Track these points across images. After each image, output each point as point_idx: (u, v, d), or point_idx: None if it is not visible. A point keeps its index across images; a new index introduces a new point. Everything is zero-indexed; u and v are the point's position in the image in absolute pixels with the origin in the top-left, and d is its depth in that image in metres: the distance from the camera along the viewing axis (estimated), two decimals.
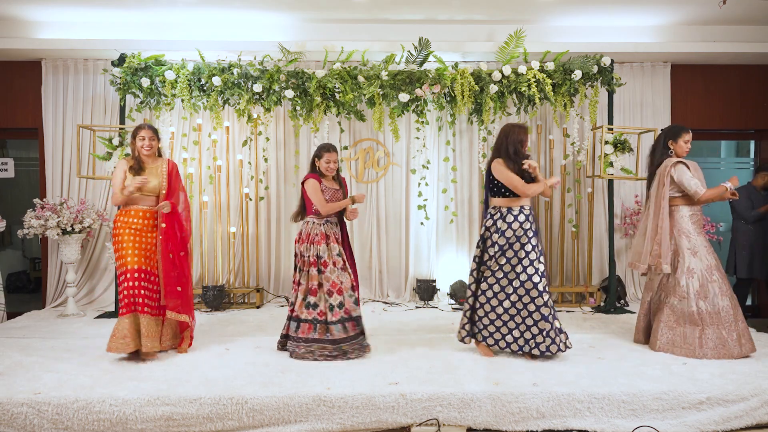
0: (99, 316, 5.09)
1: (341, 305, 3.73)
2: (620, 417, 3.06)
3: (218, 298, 5.38)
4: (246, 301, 5.72)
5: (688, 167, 3.86)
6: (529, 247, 3.63)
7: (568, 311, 5.39)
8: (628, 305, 5.54)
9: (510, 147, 3.70)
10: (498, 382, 3.23)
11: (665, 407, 3.07)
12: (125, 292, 3.67)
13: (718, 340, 3.70)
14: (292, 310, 3.81)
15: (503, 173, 3.66)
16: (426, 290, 5.62)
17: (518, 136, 3.72)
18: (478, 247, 3.81)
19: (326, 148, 3.89)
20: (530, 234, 3.66)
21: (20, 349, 3.94)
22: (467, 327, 3.81)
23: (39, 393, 3.04)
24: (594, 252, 5.82)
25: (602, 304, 5.52)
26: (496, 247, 3.67)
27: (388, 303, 5.68)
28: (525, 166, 3.64)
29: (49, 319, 5.02)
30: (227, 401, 3.00)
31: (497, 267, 3.68)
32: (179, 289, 3.82)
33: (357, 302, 3.82)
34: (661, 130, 4.14)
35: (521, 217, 3.67)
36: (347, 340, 3.73)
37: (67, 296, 5.24)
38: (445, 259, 5.93)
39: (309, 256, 3.78)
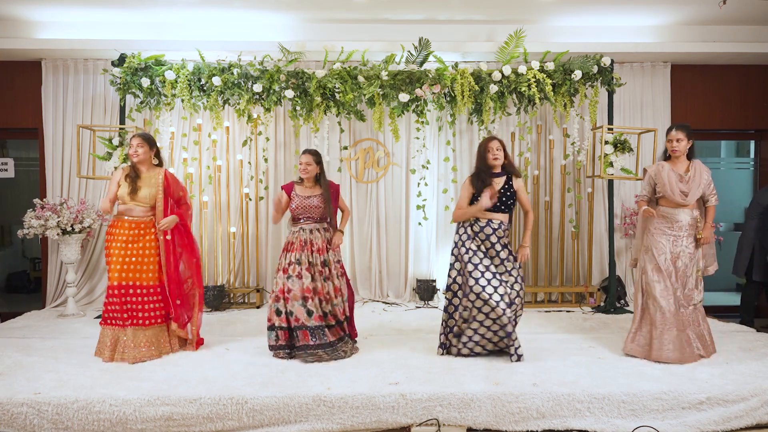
0: (99, 316, 5.07)
1: (291, 314, 3.71)
2: (620, 417, 3.06)
3: (218, 298, 5.38)
4: (246, 301, 5.72)
5: (647, 171, 3.92)
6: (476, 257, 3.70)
7: (568, 311, 5.39)
8: (628, 305, 5.54)
9: (477, 162, 3.79)
10: (498, 382, 3.24)
11: (665, 407, 3.08)
12: (108, 307, 3.73)
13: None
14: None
15: (461, 191, 3.83)
16: (426, 290, 5.62)
17: (479, 150, 3.79)
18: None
19: (303, 151, 3.93)
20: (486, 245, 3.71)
21: (20, 349, 3.94)
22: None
23: (39, 393, 3.04)
24: (594, 252, 5.82)
25: (602, 304, 5.52)
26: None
27: (388, 303, 5.68)
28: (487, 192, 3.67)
29: (49, 319, 5.02)
30: (227, 401, 3.00)
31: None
32: (178, 302, 3.86)
33: (309, 313, 3.69)
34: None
35: (488, 230, 3.69)
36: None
37: (67, 296, 5.24)
38: (445, 259, 5.91)
39: (283, 265, 3.85)
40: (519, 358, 3.63)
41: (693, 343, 3.73)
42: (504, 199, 3.70)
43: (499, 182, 3.73)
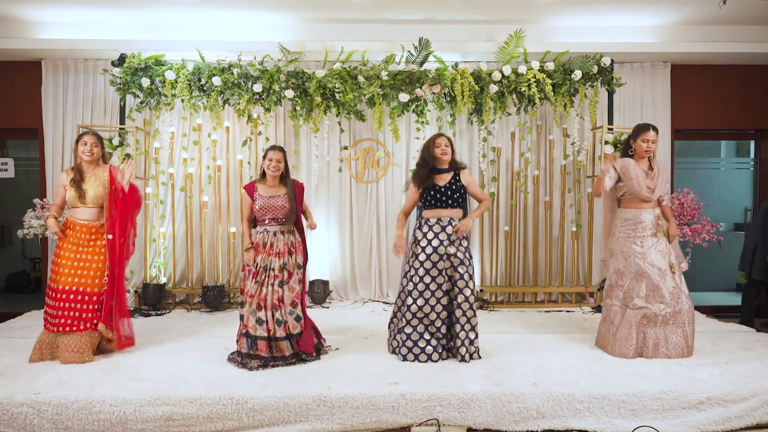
0: None
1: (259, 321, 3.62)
2: (620, 417, 3.06)
3: (218, 298, 5.38)
4: None
5: (613, 166, 3.85)
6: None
7: (568, 311, 5.39)
8: None
9: (422, 158, 3.80)
10: (498, 382, 3.24)
11: (665, 407, 3.08)
12: (50, 311, 3.66)
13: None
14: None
15: (407, 195, 3.89)
16: None
17: (425, 146, 3.79)
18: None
19: (270, 147, 3.75)
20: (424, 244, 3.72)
21: (20, 349, 3.94)
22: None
23: (39, 393, 3.04)
24: (594, 252, 5.81)
25: (602, 304, 5.51)
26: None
27: (388, 303, 5.68)
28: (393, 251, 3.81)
29: None
30: (227, 401, 3.00)
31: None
32: (112, 303, 3.76)
33: (259, 322, 3.58)
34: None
35: (436, 228, 3.73)
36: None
37: None
38: None
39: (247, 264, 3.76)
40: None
41: (664, 342, 3.74)
42: (449, 193, 3.71)
43: (446, 178, 3.75)
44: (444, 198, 3.71)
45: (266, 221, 3.72)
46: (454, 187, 3.73)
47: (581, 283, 5.79)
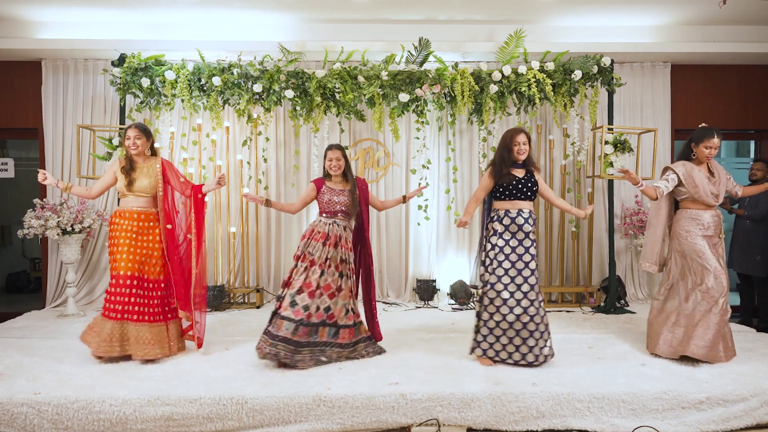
0: None
1: (306, 308, 3.57)
2: (620, 417, 3.06)
3: (218, 298, 5.38)
4: (246, 301, 5.72)
5: (675, 172, 3.71)
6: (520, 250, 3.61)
7: (568, 311, 5.39)
8: (628, 305, 5.54)
9: (498, 155, 3.70)
10: (498, 381, 3.24)
11: (665, 407, 3.08)
12: (113, 298, 3.60)
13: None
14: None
15: (480, 181, 3.76)
16: (426, 290, 5.62)
17: (504, 141, 3.68)
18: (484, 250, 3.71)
19: (329, 147, 3.85)
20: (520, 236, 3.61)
21: (20, 349, 3.94)
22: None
23: (39, 393, 3.04)
24: (594, 252, 5.82)
25: (602, 304, 5.52)
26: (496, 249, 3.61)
27: (388, 303, 5.68)
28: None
29: (49, 319, 5.02)
30: (227, 401, 3.00)
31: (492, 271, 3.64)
32: (192, 291, 3.81)
33: (328, 310, 3.62)
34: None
35: (519, 220, 3.61)
36: (302, 345, 3.56)
37: (67, 296, 5.24)
38: (446, 259, 5.93)
39: (301, 251, 3.74)
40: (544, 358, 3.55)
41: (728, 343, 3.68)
42: (529, 185, 3.65)
43: (519, 173, 3.68)
44: (525, 190, 3.66)
45: (335, 214, 3.80)
46: (530, 182, 3.68)
47: (581, 283, 5.79)
